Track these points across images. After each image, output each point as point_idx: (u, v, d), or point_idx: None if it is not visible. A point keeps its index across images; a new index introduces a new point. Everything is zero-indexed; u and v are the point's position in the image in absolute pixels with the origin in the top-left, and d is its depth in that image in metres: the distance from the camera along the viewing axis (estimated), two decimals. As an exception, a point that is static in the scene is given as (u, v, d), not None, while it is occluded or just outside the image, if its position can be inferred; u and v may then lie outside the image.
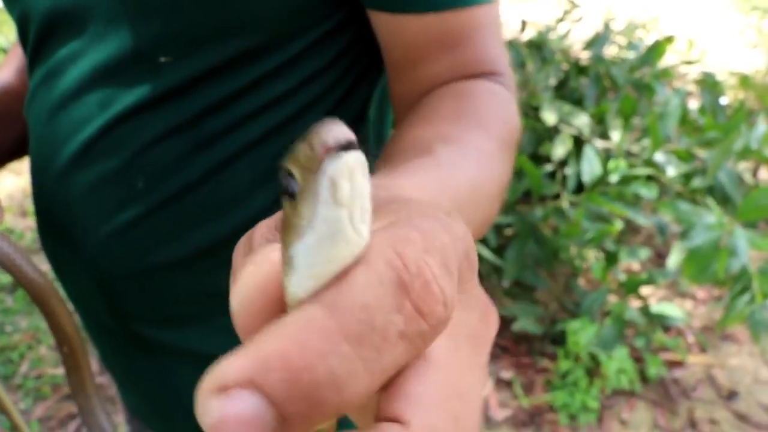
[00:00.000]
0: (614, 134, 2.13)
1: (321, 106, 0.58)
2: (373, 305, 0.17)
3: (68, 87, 0.58)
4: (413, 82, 0.55)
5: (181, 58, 0.54)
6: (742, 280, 1.65)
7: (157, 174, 0.57)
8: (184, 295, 0.61)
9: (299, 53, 0.55)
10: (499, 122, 0.50)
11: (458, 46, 0.53)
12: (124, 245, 0.59)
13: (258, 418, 0.16)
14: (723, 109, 2.41)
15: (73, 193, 0.59)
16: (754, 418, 1.92)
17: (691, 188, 2.00)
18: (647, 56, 2.46)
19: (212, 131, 0.56)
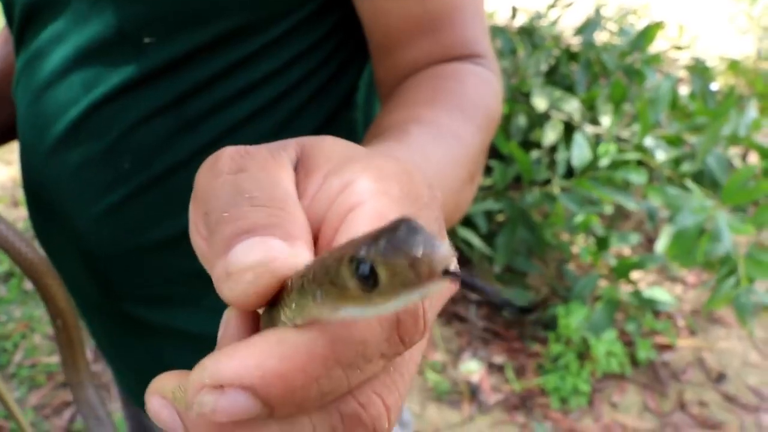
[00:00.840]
0: (604, 120, 2.14)
1: (305, 88, 0.59)
2: (369, 341, 0.20)
3: (53, 68, 0.58)
4: (395, 66, 0.55)
5: (165, 39, 0.54)
6: (728, 264, 1.67)
7: (143, 155, 0.57)
8: (173, 275, 0.62)
9: (282, 35, 0.56)
10: (477, 105, 0.50)
11: (438, 29, 0.54)
12: (112, 226, 0.60)
13: (247, 413, 0.19)
14: (713, 94, 2.42)
15: (60, 174, 0.60)
16: (742, 400, 1.95)
17: (681, 173, 2.01)
18: (638, 42, 2.46)
19: (197, 112, 0.56)
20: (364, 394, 0.21)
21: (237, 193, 0.23)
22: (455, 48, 0.54)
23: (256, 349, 0.19)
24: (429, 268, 0.17)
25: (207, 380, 0.19)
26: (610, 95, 2.20)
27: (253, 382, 0.19)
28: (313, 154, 0.26)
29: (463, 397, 1.98)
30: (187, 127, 0.56)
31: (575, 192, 1.96)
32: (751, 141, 1.93)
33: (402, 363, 0.22)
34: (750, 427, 1.86)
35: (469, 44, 0.55)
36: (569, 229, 2.01)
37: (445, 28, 0.54)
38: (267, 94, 0.57)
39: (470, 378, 2.04)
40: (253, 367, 0.19)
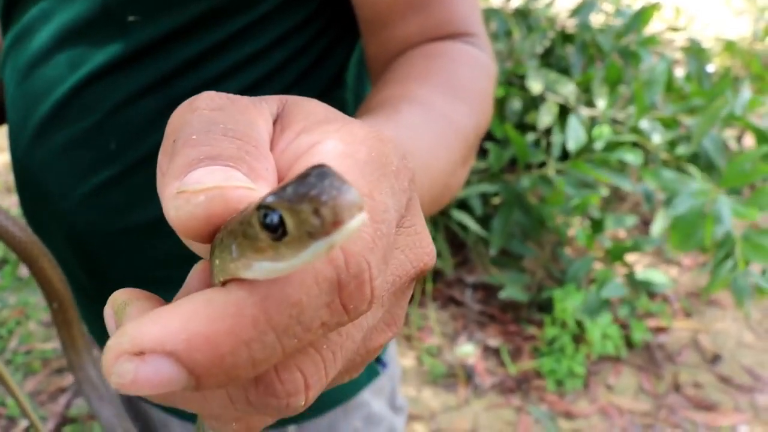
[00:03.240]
0: (600, 102, 2.13)
1: (293, 68, 0.58)
2: (305, 303, 0.18)
3: (39, 47, 0.57)
4: (385, 44, 0.54)
5: (150, 17, 0.53)
6: (726, 247, 1.66)
7: (129, 135, 0.56)
8: (160, 256, 0.61)
9: (266, 14, 0.55)
10: (471, 86, 0.49)
11: (429, 6, 0.53)
12: (98, 207, 0.59)
13: (170, 383, 0.17)
14: (709, 76, 2.41)
15: (46, 155, 0.59)
16: (737, 380, 1.95)
17: (676, 155, 2.00)
18: (633, 23, 2.45)
19: (183, 92, 0.55)
20: (286, 367, 0.19)
21: (211, 122, 0.22)
22: (447, 25, 0.53)
23: (182, 311, 0.18)
24: (333, 214, 0.16)
25: (127, 346, 0.17)
26: (606, 77, 2.19)
27: (176, 347, 0.17)
28: (292, 111, 0.25)
29: (458, 380, 1.99)
30: (172, 108, 0.55)
31: (571, 174, 1.95)
32: (746, 122, 1.92)
33: (336, 341, 0.21)
34: (745, 407, 1.86)
35: (460, 22, 0.54)
36: (565, 212, 2.01)
37: (435, 5, 0.53)
38: (253, 74, 0.56)
39: (466, 361, 2.04)
40: (177, 331, 0.17)
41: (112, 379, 0.18)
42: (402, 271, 0.23)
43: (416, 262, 0.23)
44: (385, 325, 0.24)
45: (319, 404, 0.68)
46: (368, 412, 0.70)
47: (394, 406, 0.75)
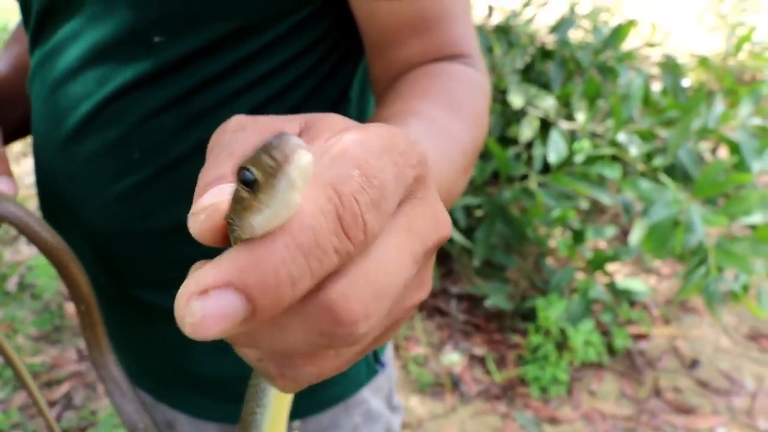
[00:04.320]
0: (579, 116, 2.19)
1: (303, 85, 0.62)
2: (317, 228, 0.23)
3: (68, 65, 0.61)
4: (389, 64, 0.58)
5: (174, 38, 0.57)
6: (699, 254, 1.72)
7: (152, 146, 0.60)
8: (176, 260, 0.65)
9: (283, 35, 0.59)
10: (468, 103, 0.53)
11: (430, 30, 0.57)
12: (120, 212, 0.63)
13: (234, 312, 0.21)
14: (684, 90, 2.48)
15: (73, 163, 0.63)
16: (715, 384, 2.01)
17: (653, 167, 2.06)
18: (611, 40, 2.52)
19: (203, 107, 0.59)
20: (348, 299, 0.24)
21: (229, 143, 0.27)
22: (445, 48, 0.58)
23: (231, 255, 0.22)
24: (282, 154, 0.20)
25: (193, 287, 0.21)
26: (585, 92, 2.25)
27: (231, 277, 0.21)
28: (317, 124, 0.30)
29: (445, 388, 2.03)
30: (192, 121, 0.60)
31: (552, 187, 2.00)
32: (720, 134, 1.99)
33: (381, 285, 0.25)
34: (722, 410, 1.92)
35: (458, 44, 0.58)
36: (546, 223, 2.06)
37: (436, 29, 0.57)
38: (267, 91, 0.60)
39: (452, 370, 2.08)
40: (230, 266, 0.21)
41: (186, 322, 0.21)
42: (425, 234, 0.27)
43: (435, 228, 0.28)
44: (416, 286, 0.29)
45: (323, 401, 0.72)
46: (367, 408, 0.74)
47: (391, 405, 0.79)
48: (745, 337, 2.21)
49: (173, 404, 0.74)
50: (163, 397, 0.75)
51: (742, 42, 2.98)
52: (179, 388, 0.73)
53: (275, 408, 0.36)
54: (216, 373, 0.71)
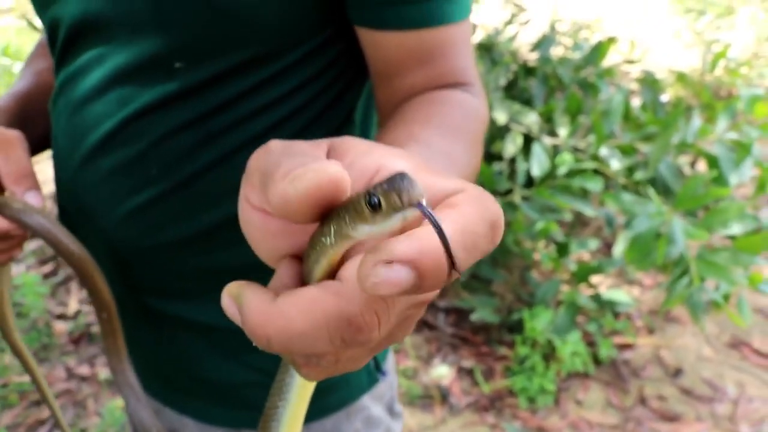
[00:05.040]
0: (561, 131, 2.24)
1: (312, 108, 0.66)
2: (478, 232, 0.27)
3: (92, 85, 0.65)
4: (394, 91, 0.62)
5: (194, 65, 0.61)
6: (681, 265, 1.77)
7: (169, 163, 0.64)
8: (187, 270, 0.68)
9: (295, 62, 0.63)
10: (466, 128, 0.57)
11: (433, 60, 0.61)
12: (137, 225, 0.66)
13: (406, 283, 0.25)
14: (663, 105, 2.54)
15: (94, 177, 0.66)
16: (697, 392, 2.06)
17: (635, 180, 2.11)
18: (591, 56, 2.58)
19: (218, 128, 0.63)
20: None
21: (285, 151, 0.30)
22: (447, 76, 0.61)
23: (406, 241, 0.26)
24: (408, 198, 0.26)
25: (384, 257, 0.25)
26: (567, 108, 2.30)
27: (412, 257, 0.25)
28: (342, 144, 0.33)
29: (434, 400, 2.05)
30: (208, 141, 0.63)
31: (536, 201, 2.05)
32: (698, 148, 2.04)
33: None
34: (706, 417, 1.96)
35: (459, 73, 0.62)
36: (531, 237, 2.10)
37: (439, 60, 0.61)
38: (279, 113, 0.64)
39: (441, 382, 2.11)
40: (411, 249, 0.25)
41: (368, 280, 0.25)
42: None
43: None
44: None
45: (325, 406, 0.75)
46: (368, 415, 0.77)
47: (392, 411, 0.82)
48: (726, 346, 2.26)
49: (181, 409, 0.77)
50: (171, 402, 0.78)
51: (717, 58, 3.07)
52: (187, 394, 0.76)
53: (297, 403, 0.40)
54: (223, 379, 0.73)
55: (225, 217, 0.66)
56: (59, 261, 2.98)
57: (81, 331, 2.53)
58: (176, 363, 0.75)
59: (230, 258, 0.69)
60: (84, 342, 2.49)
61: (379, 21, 0.59)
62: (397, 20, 0.59)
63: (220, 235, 0.67)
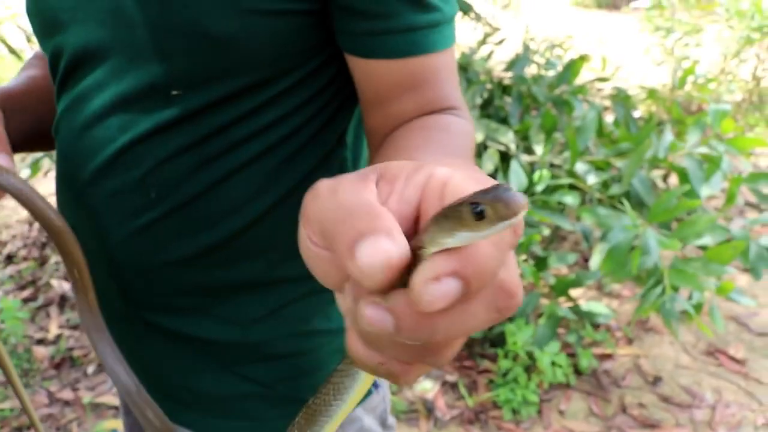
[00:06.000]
0: (538, 148, 2.29)
1: (305, 132, 0.68)
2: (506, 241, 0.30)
3: (93, 112, 0.67)
4: (384, 117, 0.65)
5: (191, 92, 0.63)
6: (655, 275, 1.82)
7: (168, 186, 0.67)
8: (186, 288, 0.71)
9: (288, 87, 0.65)
10: (461, 150, 0.60)
11: (421, 87, 0.63)
12: (139, 245, 0.69)
13: (456, 291, 0.28)
14: (635, 121, 2.61)
15: (96, 200, 0.69)
16: (676, 399, 2.10)
17: (610, 194, 2.16)
18: (564, 74, 2.64)
19: (214, 152, 0.66)
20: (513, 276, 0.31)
21: (338, 207, 0.31)
22: (436, 102, 0.64)
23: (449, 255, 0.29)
24: (514, 209, 0.28)
25: (430, 274, 0.28)
26: (542, 125, 2.36)
27: (456, 268, 0.28)
28: (388, 171, 0.35)
29: (420, 414, 2.07)
30: (204, 165, 0.66)
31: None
32: (670, 163, 2.11)
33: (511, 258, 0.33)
34: (685, 422, 2.01)
35: (447, 99, 0.65)
36: (511, 251, 2.13)
37: (427, 87, 0.63)
38: (273, 137, 0.67)
39: (426, 396, 2.13)
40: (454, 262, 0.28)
41: (423, 299, 0.28)
42: None
43: None
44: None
45: None
46: (361, 426, 0.79)
47: (385, 424, 0.84)
48: (703, 354, 2.32)
49: (181, 421, 0.79)
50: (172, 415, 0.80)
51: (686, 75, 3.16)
52: (187, 406, 0.78)
53: (349, 405, 0.42)
54: (222, 391, 0.76)
55: (223, 237, 0.69)
56: (38, 286, 2.96)
57: (62, 356, 2.51)
58: (176, 376, 0.77)
59: (228, 275, 0.71)
60: (66, 366, 2.48)
61: (366, 50, 0.62)
62: (384, 50, 0.61)
63: (219, 253, 0.70)
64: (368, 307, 0.30)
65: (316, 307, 0.75)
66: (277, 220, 0.70)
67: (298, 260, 0.75)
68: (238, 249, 0.70)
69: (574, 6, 8.10)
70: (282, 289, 0.74)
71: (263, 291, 0.73)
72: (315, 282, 0.76)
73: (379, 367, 0.33)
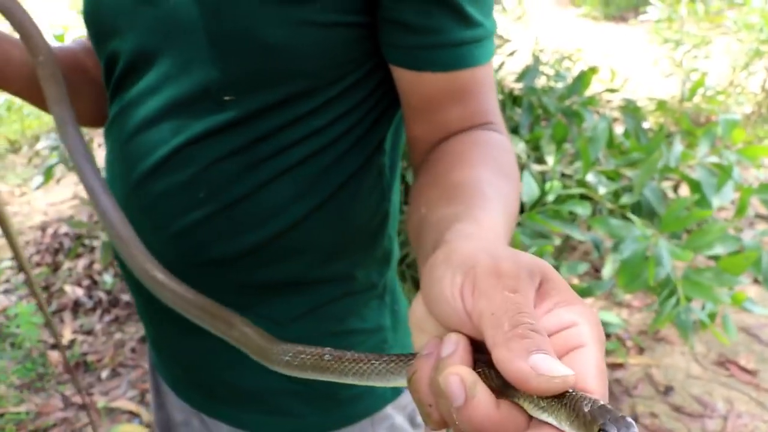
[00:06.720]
0: (549, 158, 2.30)
1: (349, 138, 0.71)
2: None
3: (146, 115, 0.70)
4: (429, 126, 0.67)
5: (243, 97, 0.66)
6: (669, 286, 1.83)
7: (216, 187, 0.69)
8: (229, 286, 0.73)
9: (334, 96, 0.68)
10: (509, 167, 0.63)
11: (465, 99, 0.66)
12: (185, 244, 0.71)
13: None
14: (645, 132, 2.63)
15: (145, 200, 0.72)
16: (688, 409, 2.11)
17: (621, 204, 2.17)
18: (575, 86, 2.66)
19: (262, 155, 0.68)
20: None
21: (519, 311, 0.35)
22: (479, 116, 0.67)
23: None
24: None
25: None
26: (553, 136, 2.37)
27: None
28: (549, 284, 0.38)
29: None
30: (252, 167, 0.68)
31: (527, 226, 2.10)
32: (681, 173, 2.12)
33: None
34: (696, 433, 2.02)
35: (488, 113, 0.67)
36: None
37: (470, 98, 0.66)
38: (318, 143, 0.69)
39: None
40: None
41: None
42: None
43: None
44: None
45: (351, 415, 0.79)
46: (391, 423, 0.81)
47: (414, 422, 0.86)
48: (714, 364, 2.33)
49: (216, 414, 0.81)
50: (207, 408, 0.82)
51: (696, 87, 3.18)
52: (222, 401, 0.80)
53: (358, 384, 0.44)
54: (257, 387, 0.78)
55: (266, 238, 0.71)
56: (51, 291, 2.99)
57: (76, 360, 2.54)
58: (213, 372, 0.79)
59: (270, 275, 0.74)
60: (80, 371, 2.50)
61: (414, 63, 0.64)
62: (432, 63, 0.64)
63: (262, 253, 0.72)
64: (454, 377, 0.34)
65: (352, 307, 0.78)
66: (318, 223, 0.72)
67: (338, 262, 0.78)
68: (281, 249, 0.72)
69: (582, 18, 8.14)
70: (320, 290, 0.76)
71: (303, 291, 0.75)
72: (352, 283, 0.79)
73: (424, 405, 0.37)
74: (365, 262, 0.78)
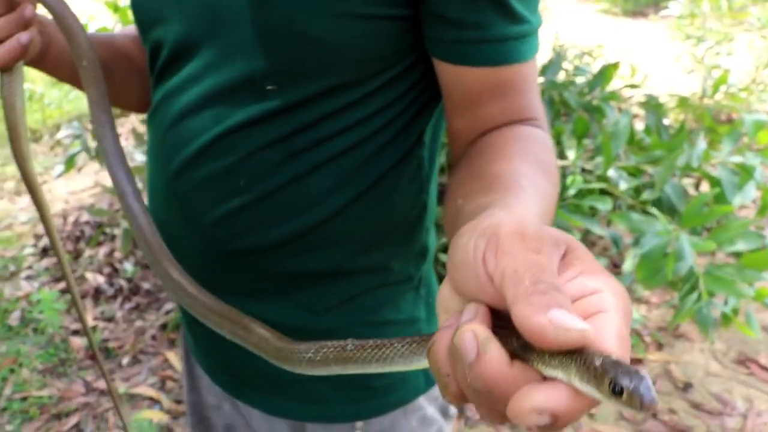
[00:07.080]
0: (570, 153, 2.30)
1: (389, 130, 0.71)
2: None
3: (188, 103, 0.71)
4: (470, 120, 0.67)
5: (285, 88, 0.67)
6: (690, 281, 1.82)
7: (257, 176, 0.70)
8: (266, 273, 0.75)
9: (376, 89, 0.68)
10: (548, 163, 0.62)
11: (509, 94, 0.66)
12: (224, 231, 0.72)
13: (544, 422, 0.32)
14: (666, 128, 2.62)
15: (186, 187, 0.73)
16: (707, 406, 2.11)
17: (641, 200, 2.17)
18: (596, 81, 2.65)
19: (302, 145, 0.69)
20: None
21: (541, 270, 0.34)
22: (521, 111, 0.66)
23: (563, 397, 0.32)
24: (646, 407, 0.30)
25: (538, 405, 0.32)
26: (574, 131, 2.37)
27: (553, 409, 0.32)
28: (573, 253, 0.38)
29: (450, 414, 2.10)
30: (293, 157, 0.69)
31: (548, 219, 2.10)
32: (703, 171, 2.11)
33: None
34: (716, 430, 2.01)
35: (531, 109, 0.67)
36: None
37: (513, 94, 0.66)
38: (358, 135, 0.70)
39: (456, 396, 2.15)
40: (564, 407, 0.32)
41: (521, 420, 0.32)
42: None
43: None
44: None
45: (384, 405, 0.80)
46: (423, 414, 0.82)
47: (446, 413, 0.87)
48: (733, 362, 2.32)
49: (248, 400, 0.82)
50: (240, 394, 0.83)
51: (718, 84, 3.15)
52: (254, 388, 0.81)
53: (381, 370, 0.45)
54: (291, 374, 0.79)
55: (304, 227, 0.72)
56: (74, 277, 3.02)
57: (98, 346, 2.57)
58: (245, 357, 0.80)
59: (307, 263, 0.74)
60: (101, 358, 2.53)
61: (458, 57, 0.64)
62: (477, 58, 0.63)
63: (300, 242, 0.73)
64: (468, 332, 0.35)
65: (387, 298, 0.78)
66: (356, 214, 0.73)
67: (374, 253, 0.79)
68: (319, 239, 0.73)
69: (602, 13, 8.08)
70: (357, 280, 0.77)
71: (339, 280, 0.76)
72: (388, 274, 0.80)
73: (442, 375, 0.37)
74: (402, 254, 0.79)
